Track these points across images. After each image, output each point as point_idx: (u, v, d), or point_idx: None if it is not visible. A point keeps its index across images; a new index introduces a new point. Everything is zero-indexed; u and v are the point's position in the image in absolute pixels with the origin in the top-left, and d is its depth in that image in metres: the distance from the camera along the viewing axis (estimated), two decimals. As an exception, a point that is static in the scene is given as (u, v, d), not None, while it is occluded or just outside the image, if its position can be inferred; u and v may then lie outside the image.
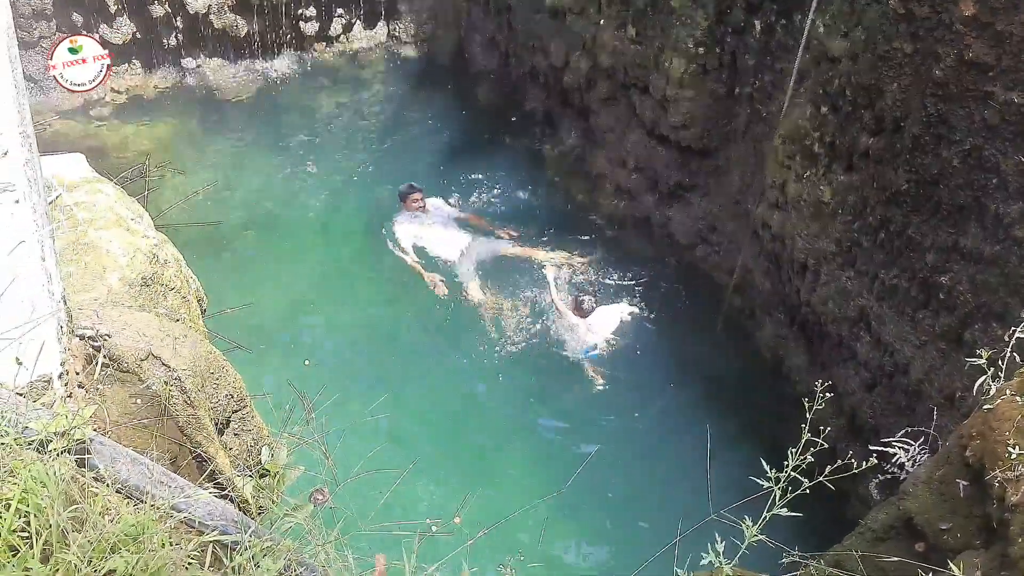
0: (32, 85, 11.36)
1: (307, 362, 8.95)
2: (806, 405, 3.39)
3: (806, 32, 7.67)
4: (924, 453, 4.65)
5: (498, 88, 13.28)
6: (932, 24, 6.14)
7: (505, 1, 12.53)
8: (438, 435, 8.51)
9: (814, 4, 7.50)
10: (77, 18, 11.75)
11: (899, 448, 4.65)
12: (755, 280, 8.98)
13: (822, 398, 3.36)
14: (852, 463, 3.26)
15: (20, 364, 3.34)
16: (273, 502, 3.43)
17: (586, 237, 10.77)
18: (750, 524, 3.04)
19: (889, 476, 4.57)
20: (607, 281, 10.19)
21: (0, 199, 3.19)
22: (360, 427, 7.46)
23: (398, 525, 3.41)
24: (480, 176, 11.79)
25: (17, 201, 3.23)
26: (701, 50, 8.99)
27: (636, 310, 9.82)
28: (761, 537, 3.06)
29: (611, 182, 10.79)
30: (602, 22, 10.29)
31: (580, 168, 11.42)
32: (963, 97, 6.02)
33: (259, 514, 3.56)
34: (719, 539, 3.07)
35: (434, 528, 6.70)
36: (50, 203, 4.54)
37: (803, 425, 3.24)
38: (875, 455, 3.53)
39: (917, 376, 6.67)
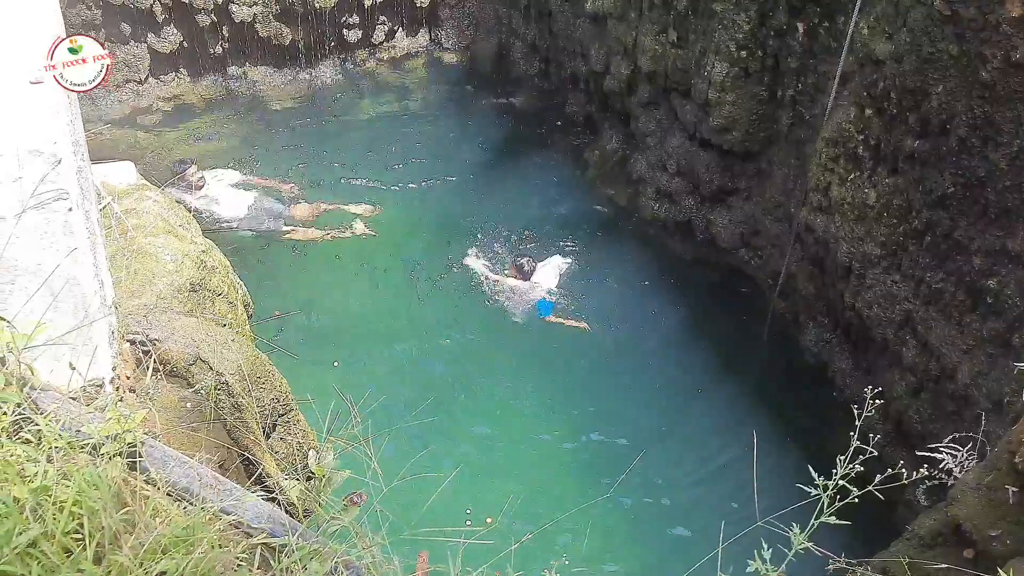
0: (81, 95, 11.55)
1: (336, 363, 9.03)
2: (855, 412, 3.36)
3: (850, 34, 7.61)
4: (972, 459, 4.60)
5: (539, 93, 13.31)
6: (978, 26, 6.07)
7: (546, 7, 12.56)
8: (481, 438, 8.53)
9: (858, 6, 7.45)
10: (125, 28, 11.95)
11: (947, 454, 4.59)
12: (798, 284, 8.91)
13: (872, 405, 3.33)
14: (902, 472, 3.23)
15: (73, 369, 3.41)
16: (320, 505, 3.46)
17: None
18: (798, 531, 3.02)
19: (937, 482, 4.52)
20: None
21: (54, 207, 3.26)
22: (405, 431, 7.51)
23: (443, 530, 3.42)
24: (522, 180, 11.83)
25: (70, 209, 3.29)
26: (743, 53, 8.94)
27: (570, 260, 10.42)
28: (808, 544, 3.04)
29: (652, 186, 10.77)
30: (643, 27, 10.27)
31: (621, 172, 11.41)
32: (1010, 99, 5.95)
33: (306, 517, 3.59)
34: (765, 545, 3.05)
35: (468, 523, 6.74)
36: (100, 210, 4.63)
37: (851, 433, 3.21)
38: (925, 466, 3.49)
39: (964, 381, 6.59)
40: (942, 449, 4.65)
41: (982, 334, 6.47)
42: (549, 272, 10.26)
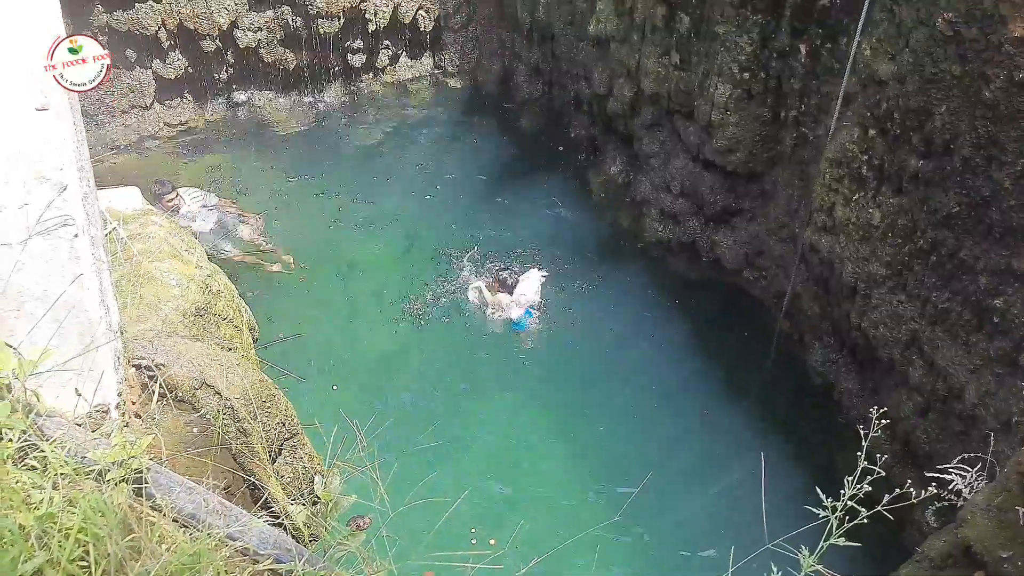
0: (88, 120, 11.60)
1: (335, 387, 9.00)
2: (861, 432, 3.35)
3: (852, 55, 7.63)
4: (981, 480, 4.57)
5: (543, 116, 13.34)
6: (981, 46, 6.08)
7: (549, 30, 12.61)
8: (485, 461, 8.51)
9: (860, 27, 7.47)
10: (131, 54, 12.00)
11: (956, 475, 4.57)
12: (804, 304, 8.90)
13: (878, 425, 3.31)
14: (910, 492, 3.21)
15: (79, 395, 3.41)
16: (326, 530, 3.45)
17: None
18: (806, 553, 3.00)
19: (946, 503, 4.49)
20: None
21: (60, 233, 3.26)
22: (411, 455, 7.50)
23: (450, 555, 3.41)
24: (526, 204, 11.85)
25: (76, 235, 3.30)
26: (746, 75, 8.97)
27: (547, 271, 10.55)
28: (817, 567, 3.02)
29: (656, 207, 10.78)
30: (645, 49, 10.31)
31: (625, 194, 11.42)
32: (1014, 118, 5.95)
33: (312, 542, 3.58)
34: (774, 568, 3.04)
35: (473, 541, 6.68)
36: (106, 235, 4.64)
37: (859, 453, 3.19)
38: (933, 484, 3.47)
39: (972, 401, 6.56)
40: (951, 470, 4.62)
41: (989, 353, 6.45)
42: (530, 285, 10.36)
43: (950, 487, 4.55)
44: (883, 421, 3.43)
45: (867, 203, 7.56)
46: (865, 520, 3.09)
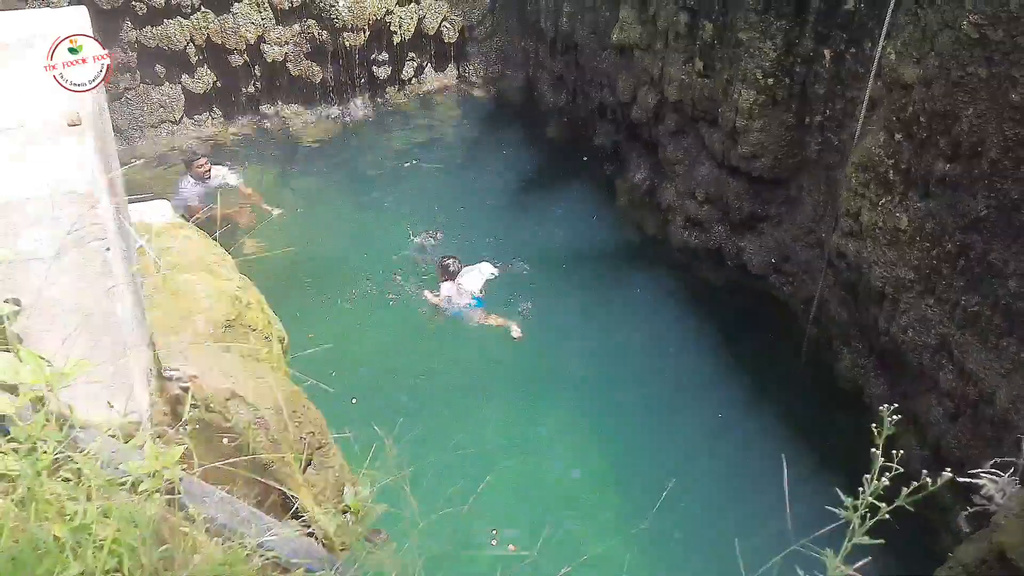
0: (118, 135, 11.73)
1: (354, 400, 8.98)
2: (874, 430, 3.32)
3: (877, 60, 7.60)
4: (1015, 484, 4.52)
5: (567, 125, 13.37)
6: (1008, 48, 6.05)
7: (572, 39, 12.65)
8: (511, 469, 8.48)
9: (884, 31, 7.44)
10: (160, 69, 12.15)
11: (988, 480, 4.53)
12: (831, 310, 8.86)
13: (891, 421, 3.30)
14: (927, 482, 3.18)
15: (111, 407, 3.44)
16: (356, 540, 3.47)
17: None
18: (831, 554, 2.98)
19: (979, 508, 4.45)
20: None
21: (91, 247, 3.30)
22: (434, 463, 7.50)
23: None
24: (552, 211, 11.87)
25: (108, 248, 3.33)
26: (770, 81, 8.95)
27: (496, 269, 10.55)
28: (849, 573, 3.00)
29: (681, 214, 10.76)
30: (669, 56, 10.31)
31: (650, 201, 11.42)
32: (1042, 120, 5.92)
33: (342, 551, 3.59)
34: (802, 573, 3.02)
35: (494, 541, 6.65)
36: (137, 248, 4.69)
37: (873, 449, 3.17)
38: (948, 469, 3.44)
39: (1003, 405, 6.50)
40: (983, 475, 4.58)
41: (1020, 357, 6.39)
42: (474, 276, 10.37)
43: (982, 492, 4.51)
44: (897, 416, 3.40)
45: (894, 207, 7.52)
46: (896, 524, 3.07)
